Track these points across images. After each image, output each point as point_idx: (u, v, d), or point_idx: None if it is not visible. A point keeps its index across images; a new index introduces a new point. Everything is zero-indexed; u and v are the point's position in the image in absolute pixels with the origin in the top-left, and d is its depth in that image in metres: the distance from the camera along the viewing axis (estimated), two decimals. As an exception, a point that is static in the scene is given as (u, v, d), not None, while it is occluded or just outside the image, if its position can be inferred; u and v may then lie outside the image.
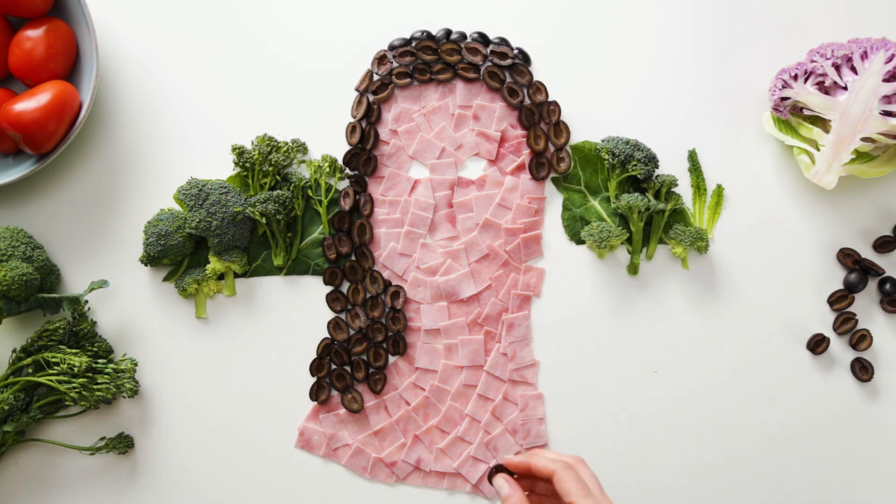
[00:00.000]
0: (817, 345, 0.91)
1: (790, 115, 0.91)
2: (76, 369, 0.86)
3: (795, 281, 0.92)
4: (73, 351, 0.87)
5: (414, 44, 0.94)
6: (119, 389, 0.88)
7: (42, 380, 0.86)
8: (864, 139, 0.86)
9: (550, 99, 0.93)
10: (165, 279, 0.93)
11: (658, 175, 0.91)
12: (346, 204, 0.92)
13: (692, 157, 0.92)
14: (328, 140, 0.94)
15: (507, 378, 0.92)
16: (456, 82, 0.94)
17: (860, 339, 0.91)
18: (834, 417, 0.91)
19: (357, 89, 0.94)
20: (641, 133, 0.93)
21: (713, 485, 0.90)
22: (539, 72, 0.94)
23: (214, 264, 0.90)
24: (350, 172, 0.93)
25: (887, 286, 0.91)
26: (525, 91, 0.94)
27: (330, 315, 0.92)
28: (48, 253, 0.92)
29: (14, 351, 0.89)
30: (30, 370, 0.89)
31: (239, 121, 0.94)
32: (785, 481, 0.90)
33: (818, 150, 0.89)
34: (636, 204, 0.89)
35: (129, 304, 0.92)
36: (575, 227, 0.93)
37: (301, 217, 0.92)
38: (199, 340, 0.92)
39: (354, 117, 0.93)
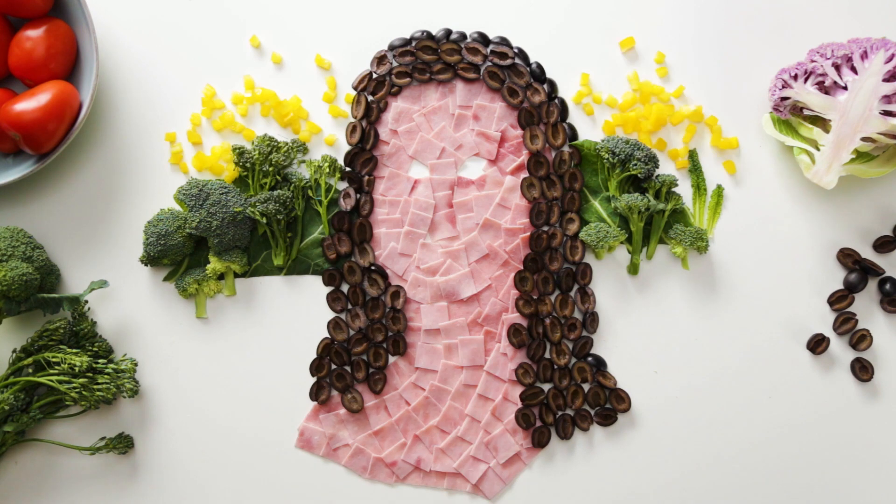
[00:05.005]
0: (817, 345, 0.91)
1: (790, 115, 0.91)
2: (77, 369, 0.86)
3: (795, 281, 0.92)
4: (74, 351, 0.87)
5: (414, 44, 0.94)
6: (119, 389, 0.88)
7: (42, 380, 0.86)
8: (864, 139, 0.86)
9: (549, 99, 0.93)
10: (165, 279, 0.93)
11: (658, 175, 0.91)
12: (347, 204, 0.92)
13: (693, 157, 0.92)
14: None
15: (507, 378, 0.92)
16: (456, 82, 0.94)
17: (860, 339, 0.91)
18: (834, 417, 0.91)
19: (356, 88, 0.94)
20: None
21: (713, 485, 0.90)
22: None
23: (214, 264, 0.91)
24: (350, 172, 0.93)
25: (887, 286, 0.91)
26: (524, 91, 0.93)
27: (330, 315, 0.92)
28: (48, 253, 0.92)
29: (14, 351, 0.89)
30: (30, 370, 0.89)
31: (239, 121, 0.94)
32: (785, 481, 0.90)
33: (818, 150, 0.89)
34: (636, 204, 0.89)
35: (129, 304, 0.92)
36: (575, 227, 0.93)
37: (301, 217, 0.93)
38: (199, 340, 0.92)
39: (354, 117, 0.93)
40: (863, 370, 0.91)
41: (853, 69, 0.86)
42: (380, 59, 0.94)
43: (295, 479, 0.91)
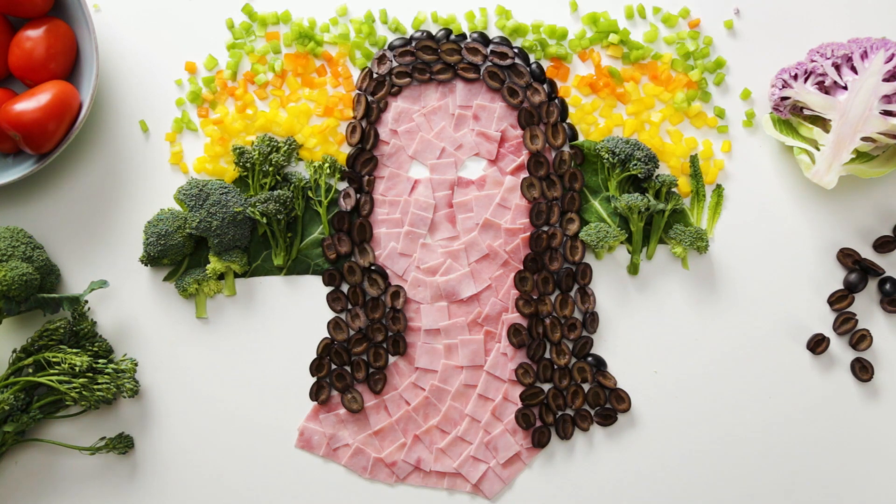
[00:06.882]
0: (817, 345, 0.91)
1: (790, 115, 0.91)
2: (77, 369, 0.86)
3: (795, 281, 0.92)
4: (74, 351, 0.87)
5: (414, 44, 0.94)
6: (119, 389, 0.88)
7: (42, 380, 0.86)
8: (864, 139, 0.86)
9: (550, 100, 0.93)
10: (165, 279, 0.93)
11: (658, 175, 0.91)
12: (347, 204, 0.92)
13: (693, 163, 0.92)
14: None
15: (507, 378, 0.92)
16: (456, 82, 0.94)
17: (860, 339, 0.91)
18: (834, 417, 0.91)
19: (359, 88, 0.94)
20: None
21: (713, 485, 0.90)
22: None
23: (214, 264, 0.91)
24: (350, 172, 0.93)
25: (887, 286, 0.91)
26: (524, 91, 0.93)
27: (330, 315, 0.92)
28: (48, 253, 0.92)
29: (14, 351, 0.89)
30: (30, 370, 0.89)
31: (239, 121, 0.94)
32: (785, 481, 0.90)
33: (818, 149, 0.89)
34: (636, 204, 0.89)
35: (129, 304, 0.92)
36: (575, 227, 0.93)
37: (301, 217, 0.93)
38: (199, 340, 0.92)
39: (355, 117, 0.93)
40: (863, 370, 0.91)
41: (853, 69, 0.86)
42: (380, 59, 0.94)
43: (295, 479, 0.91)
